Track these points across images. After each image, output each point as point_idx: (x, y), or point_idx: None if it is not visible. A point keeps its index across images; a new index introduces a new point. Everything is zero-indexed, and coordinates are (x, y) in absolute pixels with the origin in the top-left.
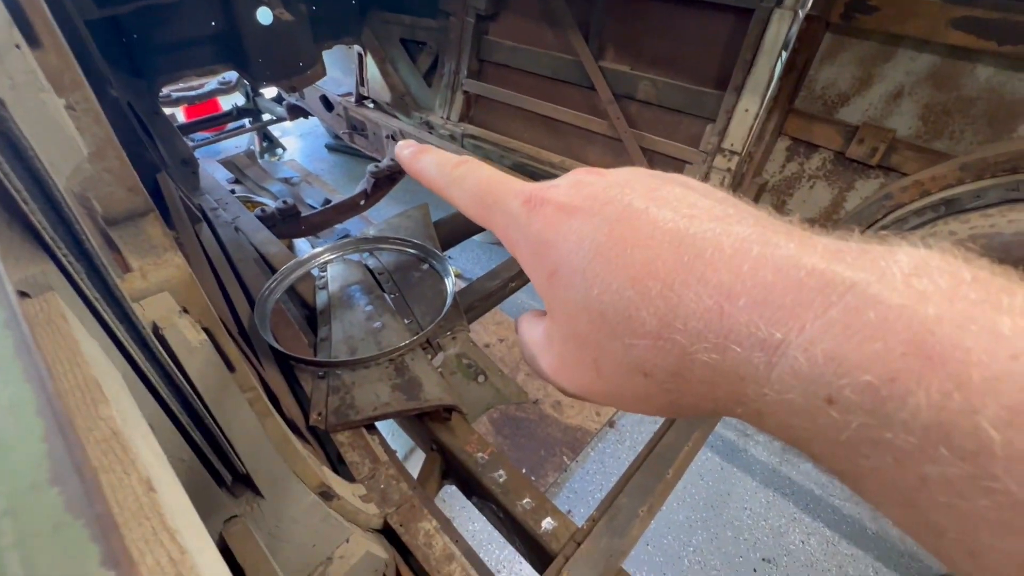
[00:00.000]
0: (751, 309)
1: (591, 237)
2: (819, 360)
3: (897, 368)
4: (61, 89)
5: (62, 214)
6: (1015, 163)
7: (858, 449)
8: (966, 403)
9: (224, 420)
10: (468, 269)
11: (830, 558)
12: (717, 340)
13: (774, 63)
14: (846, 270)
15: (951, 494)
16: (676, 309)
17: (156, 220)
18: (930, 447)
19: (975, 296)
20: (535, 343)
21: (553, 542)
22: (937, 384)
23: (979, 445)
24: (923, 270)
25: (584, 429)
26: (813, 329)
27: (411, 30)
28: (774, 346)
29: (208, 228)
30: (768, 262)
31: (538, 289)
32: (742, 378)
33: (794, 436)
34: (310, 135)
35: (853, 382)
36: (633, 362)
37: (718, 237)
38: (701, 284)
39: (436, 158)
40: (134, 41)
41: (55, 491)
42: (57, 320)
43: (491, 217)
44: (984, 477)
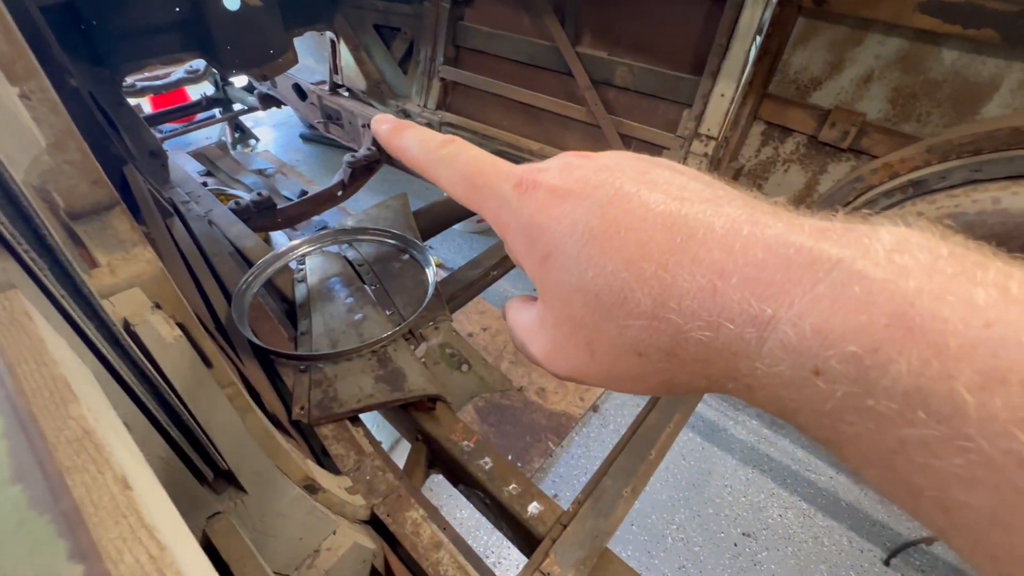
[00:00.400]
0: (743, 287)
1: (584, 220)
2: (807, 333)
3: (880, 339)
4: (14, 78)
5: (21, 208)
6: (978, 145)
7: (842, 417)
8: (943, 369)
9: (203, 416)
10: (449, 258)
11: (807, 530)
12: (711, 318)
13: (748, 48)
14: (832, 247)
15: (928, 455)
16: (670, 289)
17: (123, 214)
18: (909, 412)
19: (952, 270)
20: (525, 328)
21: (539, 526)
22: (917, 352)
23: (954, 408)
24: (904, 246)
25: (568, 414)
26: (802, 304)
27: (385, 16)
28: (765, 322)
29: (180, 222)
30: (758, 241)
31: (530, 273)
32: (734, 354)
33: (782, 408)
34: (284, 125)
35: (839, 353)
36: (628, 342)
37: (709, 218)
38: (695, 264)
39: (419, 135)
40: (93, 28)
41: (17, 488)
42: (21, 319)
43: (480, 199)
44: (958, 437)
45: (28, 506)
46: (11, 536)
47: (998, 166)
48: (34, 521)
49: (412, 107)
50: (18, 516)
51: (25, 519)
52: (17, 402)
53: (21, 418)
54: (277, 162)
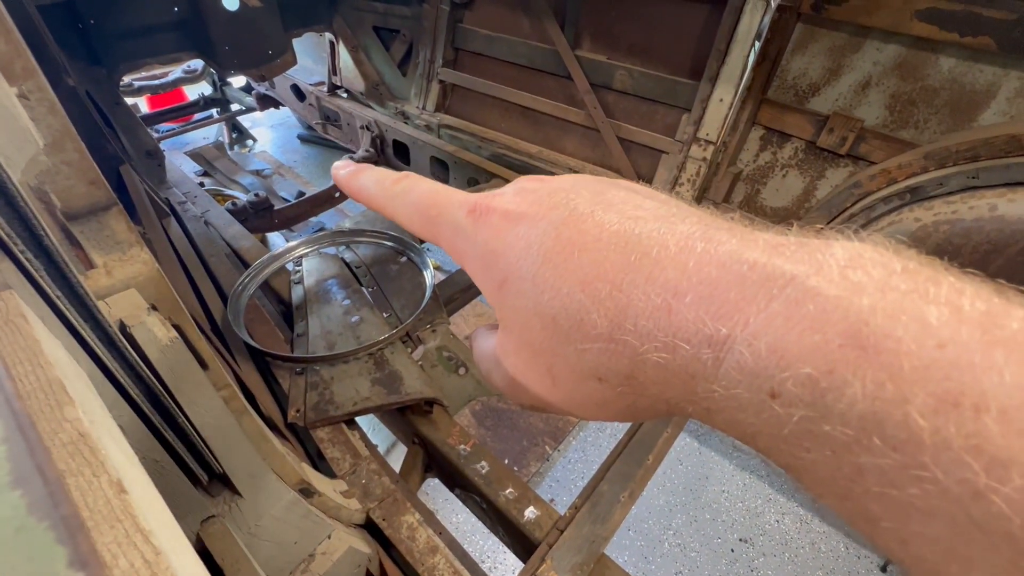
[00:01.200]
0: (697, 305)
1: (538, 243)
2: (763, 353)
3: (835, 359)
4: (12, 77)
5: (17, 208)
6: (975, 151)
7: (799, 443)
8: (897, 392)
9: (198, 419)
10: (447, 261)
11: (803, 535)
12: (666, 339)
13: (747, 53)
14: (786, 263)
15: (884, 484)
16: (626, 310)
17: (120, 214)
18: (865, 438)
19: (905, 287)
20: (489, 357)
21: (536, 530)
22: (871, 374)
23: (909, 434)
24: (857, 262)
25: (565, 419)
26: (756, 323)
27: (384, 17)
28: (720, 342)
29: (176, 223)
30: (712, 258)
31: (489, 299)
32: (692, 376)
33: (741, 431)
34: (282, 126)
35: (794, 375)
36: (587, 367)
37: (663, 236)
38: (649, 283)
39: (375, 175)
40: (91, 27)
41: (17, 494)
42: (16, 320)
43: (436, 230)
44: (913, 466)
45: (28, 512)
46: (10, 542)
47: (995, 173)
48: (33, 528)
49: (410, 109)
50: (17, 522)
51: (24, 525)
52: (16, 406)
53: (20, 422)
54: (275, 163)
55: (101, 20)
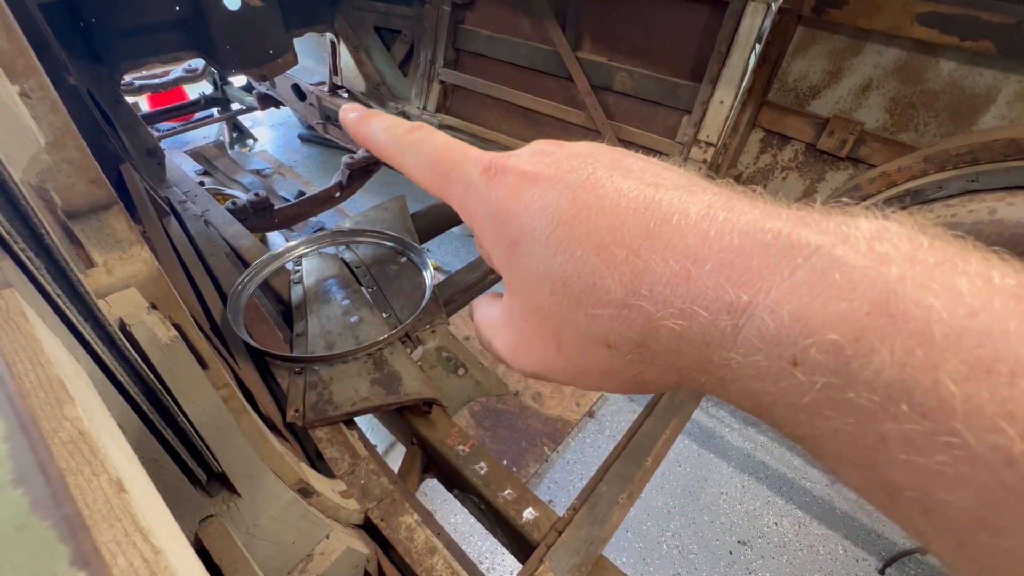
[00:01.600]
0: (718, 272)
1: (554, 205)
2: (785, 321)
3: (862, 327)
4: (14, 76)
5: (18, 207)
6: (975, 155)
7: (820, 411)
8: (927, 359)
9: (197, 418)
10: (447, 262)
11: (802, 538)
12: (684, 305)
13: (748, 55)
14: (811, 234)
15: (910, 451)
16: (642, 275)
17: (121, 213)
18: (892, 405)
19: (933, 259)
20: (492, 323)
21: (535, 532)
22: (900, 342)
23: (939, 401)
24: (884, 235)
25: (564, 420)
26: (780, 291)
27: (385, 18)
28: (740, 309)
29: (176, 222)
30: (734, 227)
31: (497, 262)
32: (708, 344)
33: (757, 402)
34: (282, 125)
35: (819, 341)
36: (596, 333)
37: (684, 204)
38: (668, 249)
39: (386, 122)
40: (92, 25)
41: (19, 492)
42: (16, 318)
43: (447, 186)
44: (943, 432)
45: (30, 511)
46: (12, 541)
47: (995, 177)
48: (35, 526)
49: (411, 109)
50: (19, 520)
51: (26, 524)
52: (18, 404)
53: (22, 421)
54: (275, 162)
55: (103, 18)
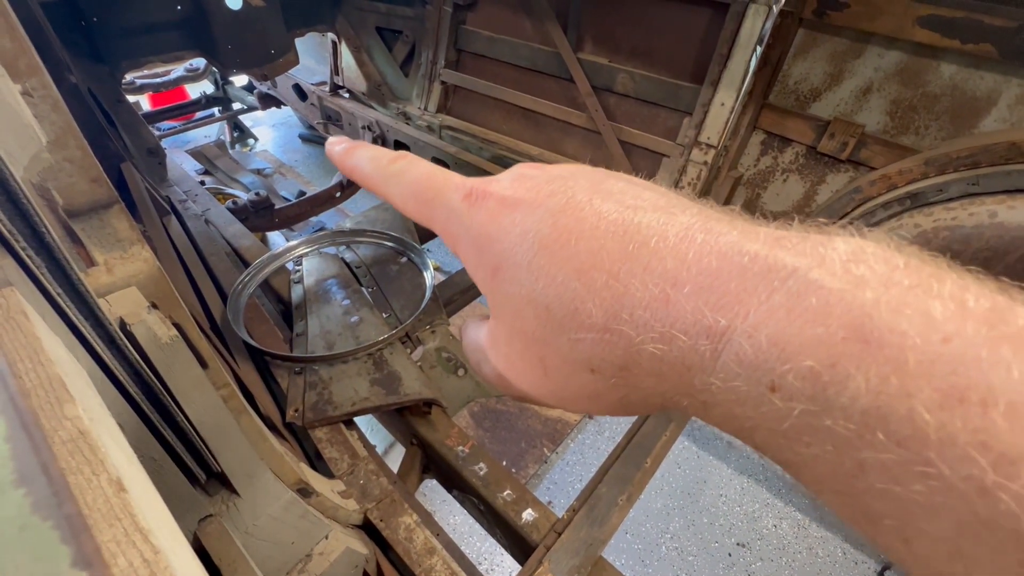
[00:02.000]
0: (696, 296)
1: (535, 229)
2: (763, 346)
3: (838, 352)
4: (17, 75)
5: (20, 206)
6: (975, 158)
7: (799, 437)
8: (902, 387)
9: (197, 418)
10: (447, 262)
11: (801, 540)
12: (663, 329)
13: (749, 57)
14: (787, 256)
15: (887, 480)
16: (622, 299)
17: (122, 212)
18: (868, 433)
19: (908, 282)
20: (479, 347)
21: (534, 533)
22: (875, 368)
23: (914, 429)
24: (859, 256)
25: (564, 421)
26: (757, 315)
27: (387, 18)
28: (719, 333)
29: (177, 221)
30: (712, 249)
31: (481, 287)
32: (688, 368)
33: (738, 426)
34: (283, 125)
35: (796, 367)
36: (580, 357)
37: (663, 226)
38: (647, 272)
39: (370, 153)
40: (94, 25)
41: (21, 492)
42: (17, 317)
43: (431, 213)
44: (918, 462)
45: (32, 511)
46: (14, 541)
47: (995, 180)
48: (37, 527)
49: (412, 110)
50: (21, 521)
51: (28, 524)
52: (20, 404)
53: (24, 420)
54: (276, 162)
55: (104, 18)
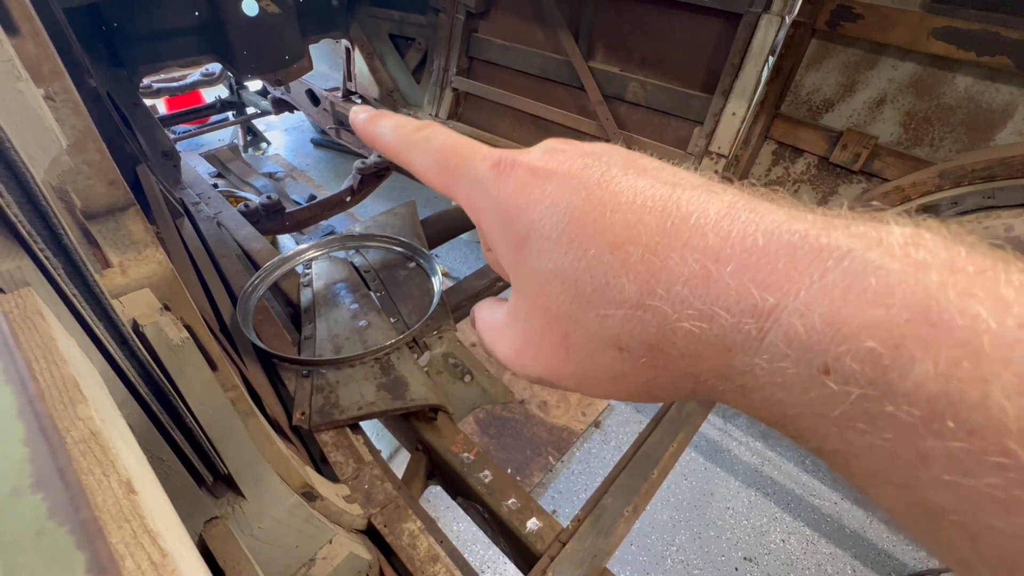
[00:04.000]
0: (741, 273)
1: (567, 201)
2: (817, 326)
3: (901, 334)
4: (40, 79)
5: (39, 207)
6: (991, 171)
7: (853, 425)
8: (976, 371)
9: (205, 419)
10: (455, 268)
11: (810, 556)
12: (703, 307)
13: (761, 68)
14: (842, 237)
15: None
16: (659, 274)
17: (137, 215)
18: (935, 420)
19: (973, 268)
20: (495, 325)
21: (538, 542)
22: (945, 352)
23: (989, 417)
24: (919, 240)
25: (570, 429)
26: (810, 293)
27: (400, 26)
28: (766, 312)
29: (189, 223)
30: (758, 227)
31: (504, 259)
32: (729, 348)
33: (781, 413)
34: (295, 130)
35: (854, 348)
36: (608, 335)
37: (704, 203)
38: (687, 248)
39: (394, 122)
40: (114, 30)
41: (38, 497)
42: (33, 317)
43: (454, 182)
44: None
45: (48, 516)
46: (30, 546)
47: (1011, 193)
48: (53, 532)
49: (423, 116)
50: (37, 526)
51: (44, 529)
52: (39, 407)
53: (42, 424)
54: (287, 166)
55: (124, 23)
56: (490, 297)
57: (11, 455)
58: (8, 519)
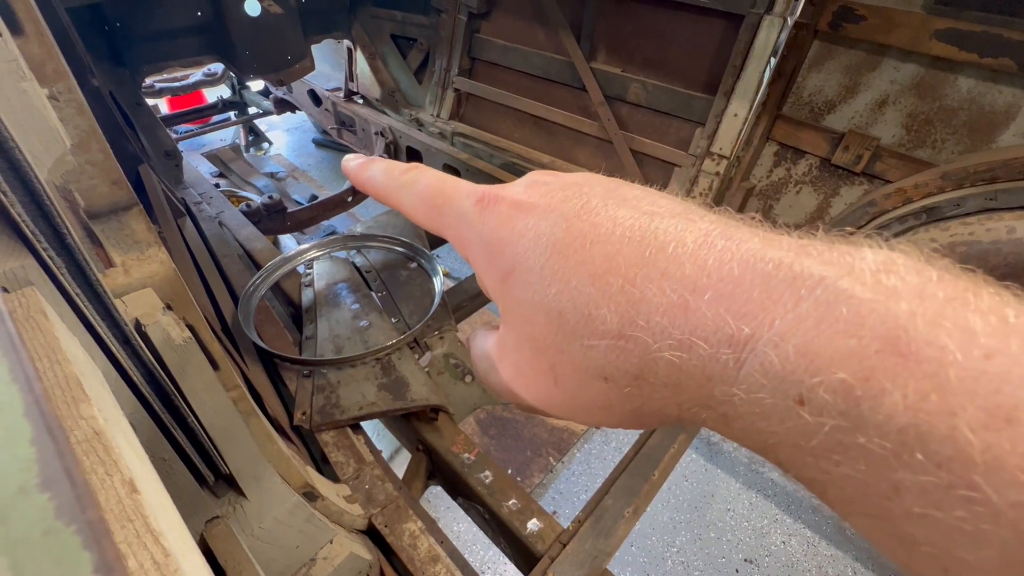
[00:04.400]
0: (717, 302)
1: (548, 233)
2: (791, 356)
3: (872, 366)
4: (44, 79)
5: (43, 207)
6: (994, 173)
7: (828, 455)
8: (943, 404)
9: (207, 419)
10: (456, 268)
11: (810, 558)
12: (682, 336)
13: (763, 69)
14: (814, 264)
15: (926, 504)
16: (638, 305)
17: (140, 214)
18: (905, 452)
19: (943, 294)
20: (488, 356)
21: (539, 543)
22: (913, 384)
23: (956, 450)
24: (890, 267)
25: (570, 430)
26: (784, 324)
27: (402, 26)
28: (743, 342)
29: (191, 222)
30: (733, 255)
31: (491, 293)
32: (709, 378)
33: (761, 442)
34: (297, 130)
35: (826, 380)
36: (592, 365)
37: (681, 232)
38: (664, 278)
39: (383, 166)
40: (116, 29)
41: (45, 497)
42: (37, 316)
43: (441, 219)
44: (961, 485)
45: (55, 516)
46: (36, 546)
47: (1014, 195)
48: (60, 532)
49: (425, 116)
50: (44, 525)
51: (51, 529)
52: (45, 407)
53: (49, 424)
54: (289, 166)
55: (127, 23)
56: (485, 326)
57: (18, 454)
58: (15, 518)
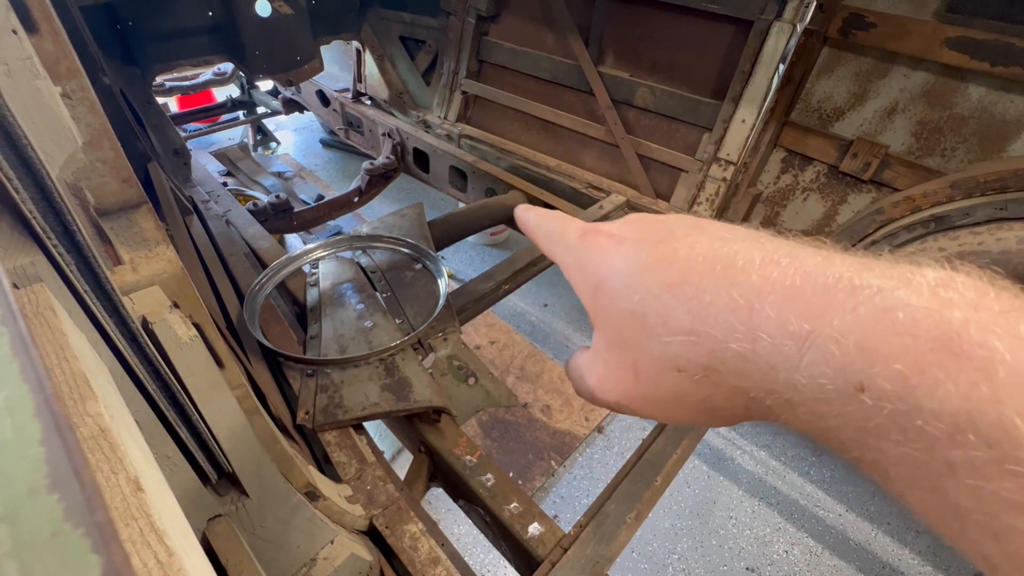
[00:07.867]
0: (779, 305)
1: (635, 256)
2: (850, 350)
3: (927, 361)
4: (57, 77)
5: (54, 204)
6: (1004, 182)
7: (888, 435)
8: (992, 394)
9: (211, 417)
10: (461, 270)
11: (813, 568)
12: (747, 331)
13: (772, 75)
14: (873, 278)
15: (977, 477)
16: (709, 307)
17: (149, 212)
18: (958, 433)
19: (999, 307)
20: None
21: (540, 547)
22: (965, 376)
23: (1004, 432)
24: (949, 283)
25: (573, 434)
26: (843, 322)
27: (411, 28)
28: (803, 336)
29: (199, 221)
30: (797, 270)
31: (585, 302)
32: (772, 367)
33: (824, 425)
34: (305, 130)
35: (884, 371)
36: (668, 358)
37: (749, 251)
38: (733, 286)
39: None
40: (128, 28)
41: (54, 498)
42: (46, 313)
43: (553, 248)
44: (1009, 460)
45: (64, 518)
46: (45, 548)
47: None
48: (68, 534)
49: (432, 118)
50: (53, 527)
51: (60, 531)
52: (55, 407)
53: (58, 423)
54: (296, 166)
55: (139, 22)
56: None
57: (28, 455)
58: (24, 520)
